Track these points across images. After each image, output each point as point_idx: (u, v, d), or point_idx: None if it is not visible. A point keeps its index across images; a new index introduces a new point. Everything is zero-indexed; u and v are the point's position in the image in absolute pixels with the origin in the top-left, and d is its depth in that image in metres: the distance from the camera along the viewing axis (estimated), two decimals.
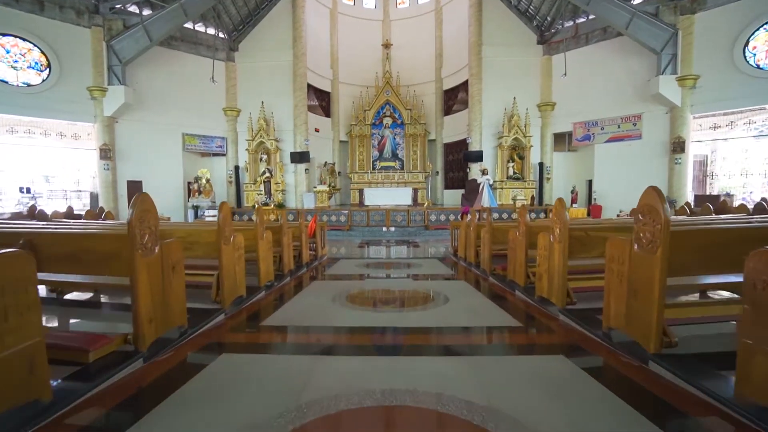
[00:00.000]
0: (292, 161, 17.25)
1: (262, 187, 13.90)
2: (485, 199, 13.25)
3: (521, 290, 4.63)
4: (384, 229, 11.75)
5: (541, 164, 17.40)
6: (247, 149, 17.28)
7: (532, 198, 15.77)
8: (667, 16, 13.25)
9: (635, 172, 14.92)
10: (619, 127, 15.34)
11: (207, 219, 11.74)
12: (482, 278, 5.76)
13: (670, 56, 13.25)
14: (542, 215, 12.88)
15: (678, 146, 13.49)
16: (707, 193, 14.95)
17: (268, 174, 13.91)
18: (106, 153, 14.29)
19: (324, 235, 7.97)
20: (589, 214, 15.70)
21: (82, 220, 6.00)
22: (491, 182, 14.06)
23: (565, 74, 14.13)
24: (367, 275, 6.23)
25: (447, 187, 20.55)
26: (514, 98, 16.72)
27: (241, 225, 6.42)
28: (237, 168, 17.87)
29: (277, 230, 5.56)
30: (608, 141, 15.70)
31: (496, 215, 12.69)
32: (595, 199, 15.91)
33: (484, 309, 4.34)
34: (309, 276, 6.06)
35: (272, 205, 12.99)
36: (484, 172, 13.78)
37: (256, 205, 13.42)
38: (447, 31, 20.01)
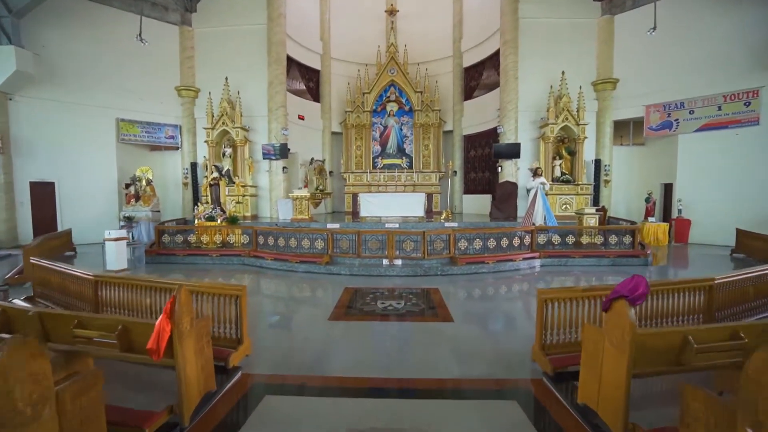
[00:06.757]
0: (265, 157, 12.99)
1: (212, 194, 9.60)
2: (539, 213, 8.85)
3: None
4: (385, 262, 7.32)
5: (597, 162, 12.97)
6: (206, 141, 13.05)
7: (604, 209, 11.36)
8: None
9: (745, 174, 10.50)
10: (719, 109, 10.89)
11: (109, 242, 7.51)
12: None
13: None
14: (627, 238, 8.45)
15: None
16: None
17: (216, 174, 9.60)
18: None
19: (242, 315, 3.57)
20: (671, 231, 11.33)
21: None
22: (547, 188, 9.61)
23: (654, 29, 9.67)
24: None
25: (467, 191, 16.18)
26: (563, 73, 12.37)
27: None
28: (194, 165, 13.63)
29: None
30: (700, 129, 11.26)
31: (557, 238, 8.28)
32: (680, 210, 11.47)
33: None
34: None
35: (220, 220, 8.73)
36: (536, 173, 9.32)
37: (198, 220, 9.15)
38: None
